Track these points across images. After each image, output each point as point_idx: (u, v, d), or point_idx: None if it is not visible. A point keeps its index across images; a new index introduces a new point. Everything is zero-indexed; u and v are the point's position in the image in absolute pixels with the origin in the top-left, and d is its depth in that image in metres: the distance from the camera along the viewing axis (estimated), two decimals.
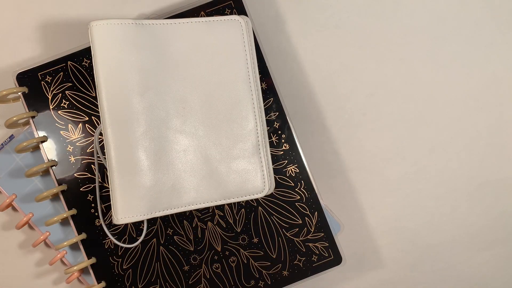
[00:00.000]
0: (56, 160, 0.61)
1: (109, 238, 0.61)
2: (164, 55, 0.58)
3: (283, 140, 0.64)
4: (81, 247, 0.62)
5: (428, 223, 0.70)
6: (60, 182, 0.61)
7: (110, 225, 0.62)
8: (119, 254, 0.62)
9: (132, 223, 0.62)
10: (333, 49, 0.68)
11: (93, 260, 0.62)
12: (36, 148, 0.63)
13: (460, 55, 0.69)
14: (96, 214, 0.62)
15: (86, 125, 0.62)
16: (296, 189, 0.64)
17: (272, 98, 0.64)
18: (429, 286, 0.70)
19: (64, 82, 0.61)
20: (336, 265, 0.64)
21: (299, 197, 0.64)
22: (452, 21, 0.69)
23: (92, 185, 0.62)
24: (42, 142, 0.61)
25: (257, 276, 0.64)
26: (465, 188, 0.69)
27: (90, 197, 0.62)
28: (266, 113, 0.63)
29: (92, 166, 0.62)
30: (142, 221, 0.61)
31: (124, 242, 0.62)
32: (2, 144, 0.63)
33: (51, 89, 0.61)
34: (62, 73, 0.61)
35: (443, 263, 0.70)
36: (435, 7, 0.69)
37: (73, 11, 0.66)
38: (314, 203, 0.64)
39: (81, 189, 0.62)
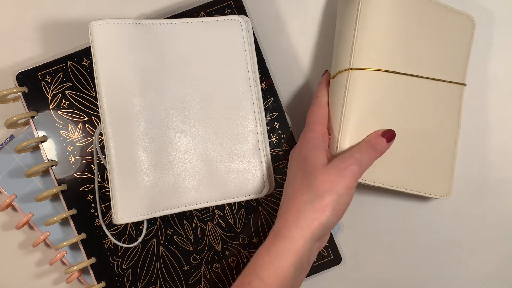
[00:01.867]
0: (56, 160, 0.61)
1: (109, 238, 0.61)
2: (164, 55, 0.58)
3: (283, 140, 0.64)
4: (81, 247, 0.62)
5: (428, 223, 0.70)
6: (60, 182, 0.61)
7: (110, 225, 0.62)
8: (119, 254, 0.62)
9: (132, 223, 0.62)
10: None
11: (93, 260, 0.62)
12: (36, 148, 0.63)
13: None
14: (96, 214, 0.62)
15: (86, 125, 0.62)
16: None
17: (272, 98, 0.64)
18: (429, 286, 0.70)
19: (64, 82, 0.62)
20: (336, 265, 0.64)
21: None
22: None
23: (92, 185, 0.62)
24: (42, 142, 0.61)
25: None
26: (465, 188, 0.69)
27: (90, 197, 0.62)
28: (266, 113, 0.63)
29: (92, 166, 0.62)
30: (142, 221, 0.61)
31: (124, 242, 0.62)
32: (2, 144, 0.63)
33: (51, 89, 0.61)
34: (62, 73, 0.62)
35: (443, 263, 0.70)
36: None
37: (73, 11, 0.66)
38: None
39: (81, 189, 0.62)
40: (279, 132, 0.64)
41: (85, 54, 0.62)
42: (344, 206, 0.53)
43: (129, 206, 0.56)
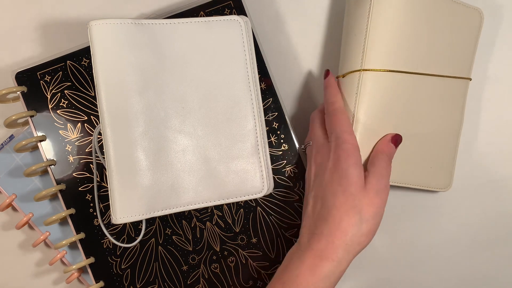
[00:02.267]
0: (55, 159, 0.61)
1: (108, 238, 0.61)
2: (164, 55, 0.58)
3: (282, 140, 0.64)
4: (79, 246, 0.62)
5: (428, 223, 0.69)
6: (58, 182, 0.61)
7: (109, 224, 0.62)
8: (118, 253, 0.62)
9: (130, 222, 0.62)
10: (333, 50, 0.68)
11: (91, 259, 0.62)
12: (36, 148, 0.63)
13: None
14: (95, 213, 0.62)
15: (85, 124, 0.62)
16: (295, 189, 0.64)
17: (271, 98, 0.64)
18: (429, 286, 0.70)
19: (63, 82, 0.62)
20: None
21: (298, 197, 0.64)
22: None
23: (91, 185, 0.62)
24: (41, 141, 0.61)
25: (256, 276, 0.63)
26: (465, 188, 0.69)
27: (88, 197, 0.62)
28: (265, 113, 0.63)
29: (91, 165, 0.62)
30: (140, 221, 0.61)
31: (122, 242, 0.62)
32: (2, 144, 0.63)
33: (50, 88, 0.61)
34: (61, 72, 0.62)
35: (443, 263, 0.70)
36: None
37: (73, 11, 0.66)
38: None
39: (79, 189, 0.62)
40: (278, 132, 0.64)
41: (85, 53, 0.62)
42: (378, 224, 0.55)
43: (127, 205, 0.56)
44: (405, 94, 0.60)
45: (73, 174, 0.62)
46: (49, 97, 0.61)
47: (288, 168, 0.64)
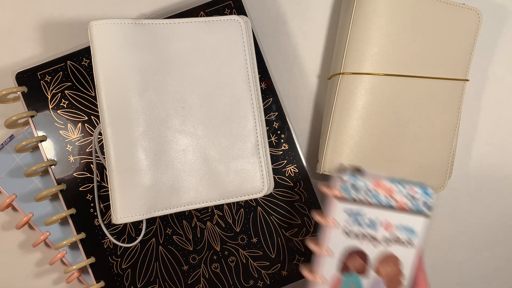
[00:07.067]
0: (55, 159, 0.61)
1: (108, 238, 0.61)
2: (164, 55, 0.58)
3: (282, 140, 0.64)
4: (80, 246, 0.62)
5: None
6: (59, 182, 0.61)
7: (110, 224, 0.62)
8: (118, 253, 0.62)
9: (131, 222, 0.62)
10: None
11: (92, 259, 0.62)
12: (36, 148, 0.63)
13: None
14: (95, 213, 0.62)
15: (86, 124, 0.62)
16: (295, 189, 0.64)
17: (271, 98, 0.64)
18: None
19: (63, 82, 0.62)
20: None
21: (298, 197, 0.64)
22: None
23: (91, 185, 0.62)
24: (41, 141, 0.61)
25: (256, 276, 0.63)
26: (465, 188, 0.69)
27: (89, 197, 0.62)
28: (266, 113, 0.63)
29: (91, 165, 0.62)
30: (141, 221, 0.61)
31: (123, 242, 0.62)
32: (2, 144, 0.63)
33: (51, 88, 0.61)
34: (61, 72, 0.62)
35: (443, 263, 0.70)
36: None
37: (73, 11, 0.66)
38: (313, 203, 0.64)
39: (80, 189, 0.62)
40: (279, 132, 0.64)
41: (85, 53, 0.62)
42: None
43: (128, 205, 0.56)
44: (390, 96, 0.62)
45: (74, 174, 0.62)
46: (49, 97, 0.61)
47: (289, 168, 0.64)
